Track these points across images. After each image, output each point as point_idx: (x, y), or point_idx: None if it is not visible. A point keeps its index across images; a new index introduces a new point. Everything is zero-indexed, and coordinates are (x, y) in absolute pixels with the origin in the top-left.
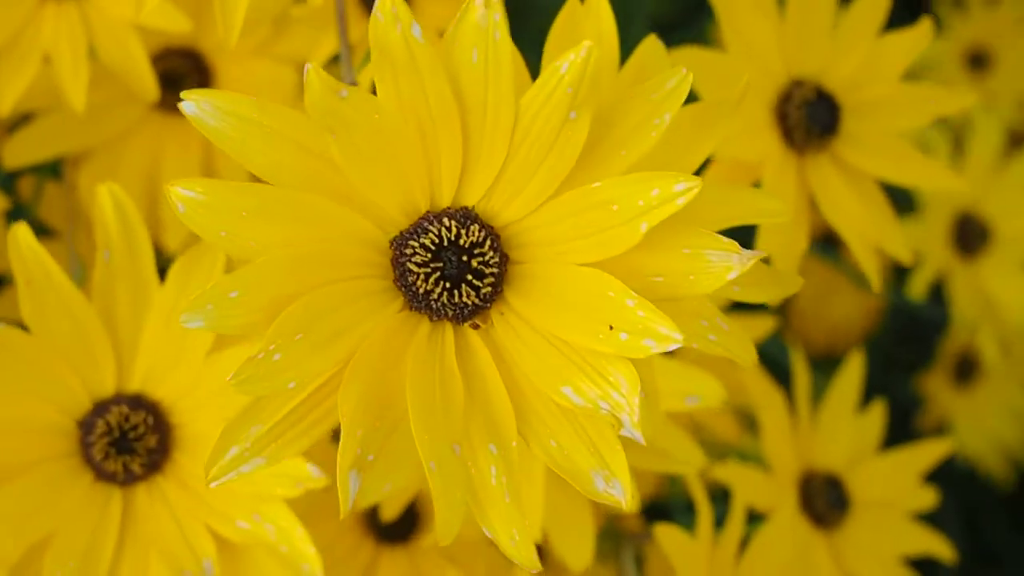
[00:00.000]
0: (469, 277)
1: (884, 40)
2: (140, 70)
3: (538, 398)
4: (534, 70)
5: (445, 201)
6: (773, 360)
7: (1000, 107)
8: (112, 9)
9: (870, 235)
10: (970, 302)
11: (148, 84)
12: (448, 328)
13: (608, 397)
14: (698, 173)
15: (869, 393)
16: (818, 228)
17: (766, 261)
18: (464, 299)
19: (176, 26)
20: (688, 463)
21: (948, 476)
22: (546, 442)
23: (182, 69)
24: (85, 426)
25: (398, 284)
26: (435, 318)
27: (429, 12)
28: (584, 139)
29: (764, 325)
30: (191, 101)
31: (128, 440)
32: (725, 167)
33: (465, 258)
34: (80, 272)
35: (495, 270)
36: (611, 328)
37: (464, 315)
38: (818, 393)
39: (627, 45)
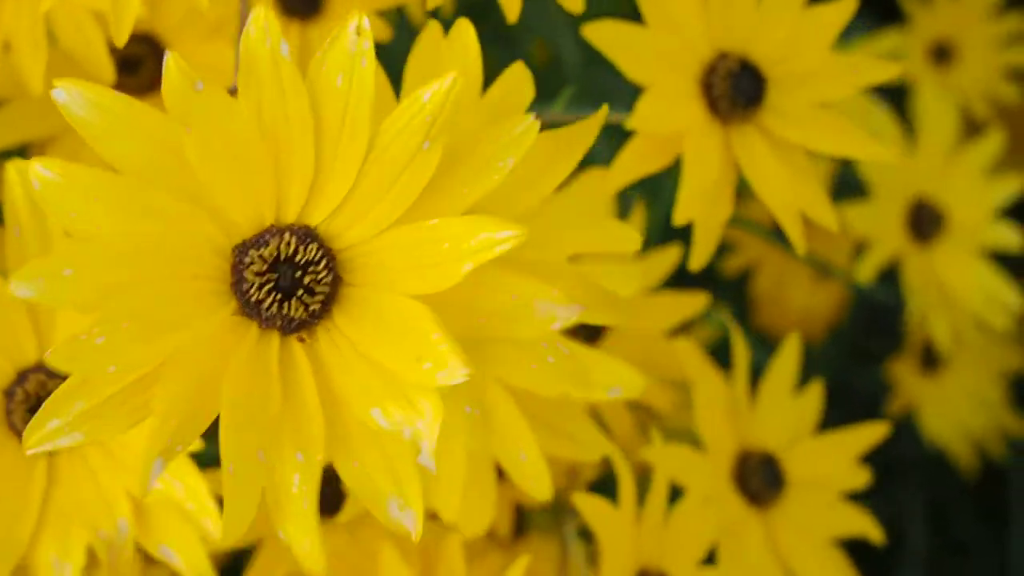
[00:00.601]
0: (301, 292)
1: (810, 12)
2: (97, 55)
3: (350, 416)
4: (496, 64)
5: (290, 217)
6: (725, 341)
7: (964, 99)
8: None
9: (796, 203)
10: (924, 288)
11: (105, 68)
12: (275, 338)
13: (412, 423)
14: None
15: (837, 382)
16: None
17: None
18: (293, 313)
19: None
20: (594, 449)
21: (915, 468)
22: (350, 461)
23: (140, 53)
24: (8, 395)
25: (234, 289)
26: (264, 326)
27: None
28: (433, 170)
29: (699, 300)
30: (62, 89)
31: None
32: (647, 140)
33: (299, 274)
34: None
35: (326, 289)
36: (418, 358)
37: (291, 327)
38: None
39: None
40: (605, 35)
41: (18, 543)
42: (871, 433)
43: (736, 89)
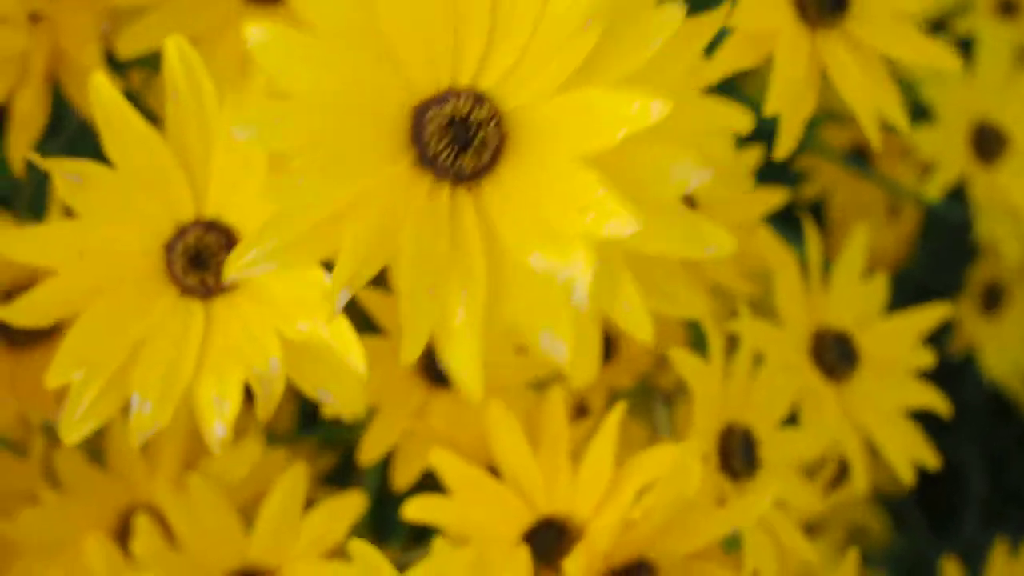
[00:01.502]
0: (473, 147)
1: None
2: None
3: (508, 260)
4: None
5: (465, 81)
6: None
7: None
8: None
9: (874, 102)
10: (991, 206)
11: None
12: (446, 187)
13: (567, 268)
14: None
15: None
16: (850, 141)
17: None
18: (465, 165)
19: None
20: (690, 307)
21: (975, 416)
22: (508, 298)
23: None
24: (169, 247)
25: (413, 142)
26: (438, 177)
27: None
28: (592, 45)
29: (778, 195)
30: None
31: (203, 257)
32: (743, 38)
33: (471, 131)
34: None
35: (494, 144)
36: (581, 210)
37: (462, 178)
38: None
39: None
40: None
41: (181, 382)
42: (934, 314)
43: None
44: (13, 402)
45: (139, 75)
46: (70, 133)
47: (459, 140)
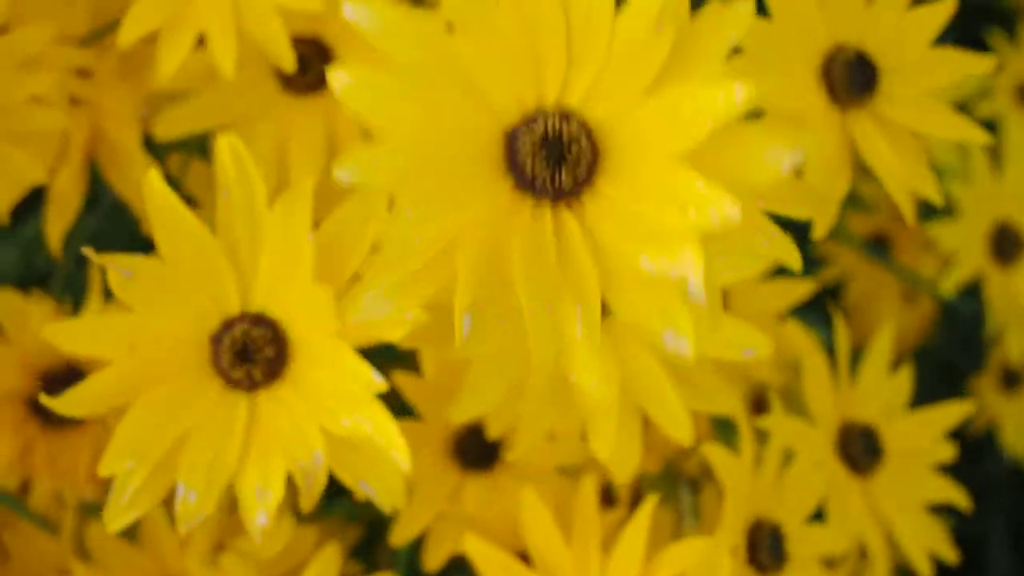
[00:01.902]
0: (567, 164)
1: (913, 12)
2: (281, 43)
3: (619, 268)
4: None
5: (550, 101)
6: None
7: None
8: None
9: (907, 180)
10: (1003, 306)
11: (288, 59)
12: (547, 206)
13: (677, 266)
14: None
15: (921, 398)
16: (869, 230)
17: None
18: (563, 181)
19: (311, 5)
20: (725, 404)
21: (998, 489)
22: (624, 304)
23: (308, 54)
24: (215, 340)
25: (509, 167)
26: (537, 197)
27: None
28: (667, 50)
29: (805, 286)
30: (350, 6)
31: (250, 351)
32: (773, 119)
33: (564, 148)
34: None
35: (588, 158)
36: (682, 207)
37: (561, 195)
38: None
39: None
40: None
41: (226, 473)
42: (957, 410)
43: (852, 77)
44: (48, 480)
45: (177, 158)
46: (106, 208)
47: (553, 158)
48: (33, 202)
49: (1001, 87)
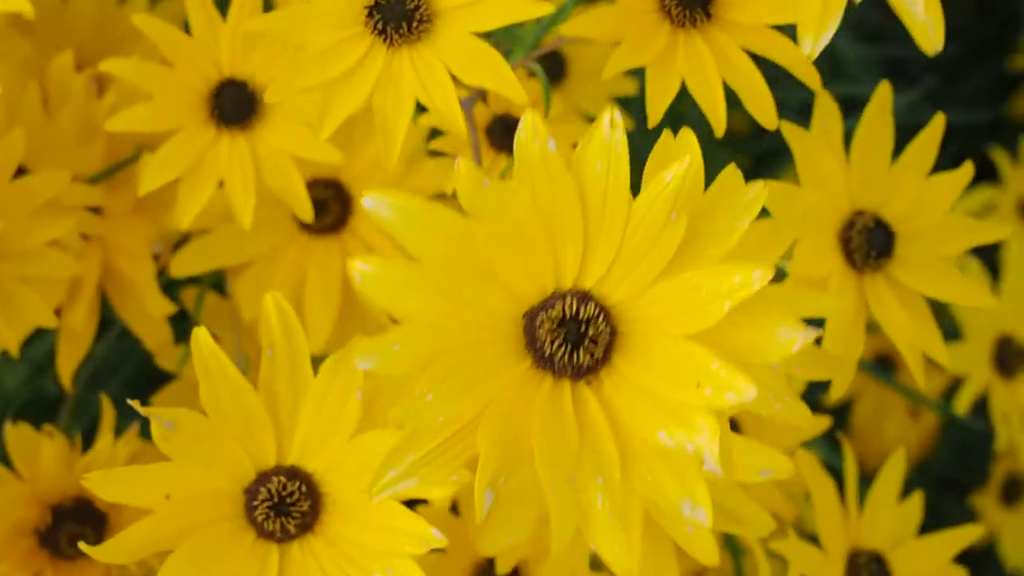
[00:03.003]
0: (585, 343)
1: (933, 179)
2: (299, 194)
3: (638, 441)
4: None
5: (568, 283)
6: (827, 464)
7: None
8: (276, 142)
9: (917, 342)
10: (1009, 418)
11: (305, 207)
12: (566, 384)
13: (694, 440)
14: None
15: (924, 513)
16: (874, 350)
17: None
18: (581, 361)
19: (329, 157)
20: (759, 527)
21: None
22: (644, 476)
23: (326, 196)
24: (250, 493)
25: (528, 347)
26: (557, 375)
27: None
28: (681, 236)
29: (821, 423)
30: (371, 198)
31: (285, 504)
32: (796, 282)
33: (582, 329)
34: (244, 366)
35: (606, 339)
36: (699, 385)
37: (580, 373)
38: None
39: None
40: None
41: None
42: (966, 534)
43: (870, 243)
44: None
45: (191, 292)
46: (116, 333)
47: (571, 339)
48: None
49: (1003, 203)
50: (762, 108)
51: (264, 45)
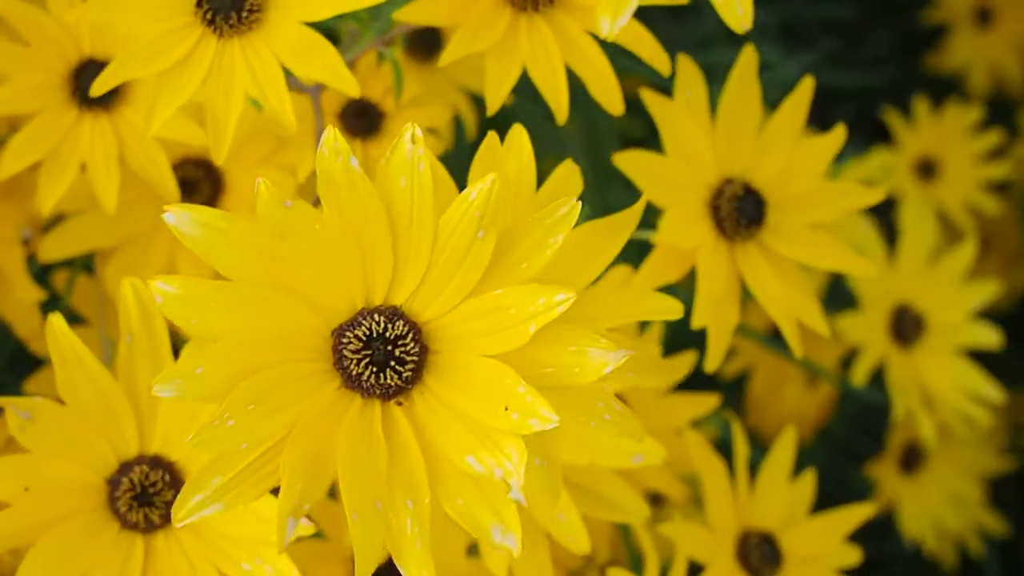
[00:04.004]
0: (393, 363)
1: (804, 144)
2: (163, 176)
3: (448, 464)
4: None
5: (378, 300)
6: (724, 440)
7: (945, 210)
8: (139, 123)
9: (792, 311)
10: (907, 388)
11: (171, 188)
12: (377, 404)
13: (502, 465)
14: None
15: (824, 480)
16: (769, 322)
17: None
18: (389, 381)
19: (192, 138)
20: (634, 513)
21: (900, 564)
22: (455, 501)
23: (197, 175)
24: (112, 483)
25: (336, 367)
26: (366, 396)
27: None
28: (490, 254)
29: (708, 402)
30: (172, 212)
31: (148, 494)
32: (665, 253)
33: (391, 348)
34: (110, 352)
35: (415, 358)
36: (506, 409)
37: (389, 394)
38: None
39: (601, 157)
40: (632, 162)
41: None
42: (858, 513)
43: (740, 211)
44: None
45: (61, 277)
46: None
47: (378, 359)
48: None
49: (900, 165)
50: (606, 92)
51: None
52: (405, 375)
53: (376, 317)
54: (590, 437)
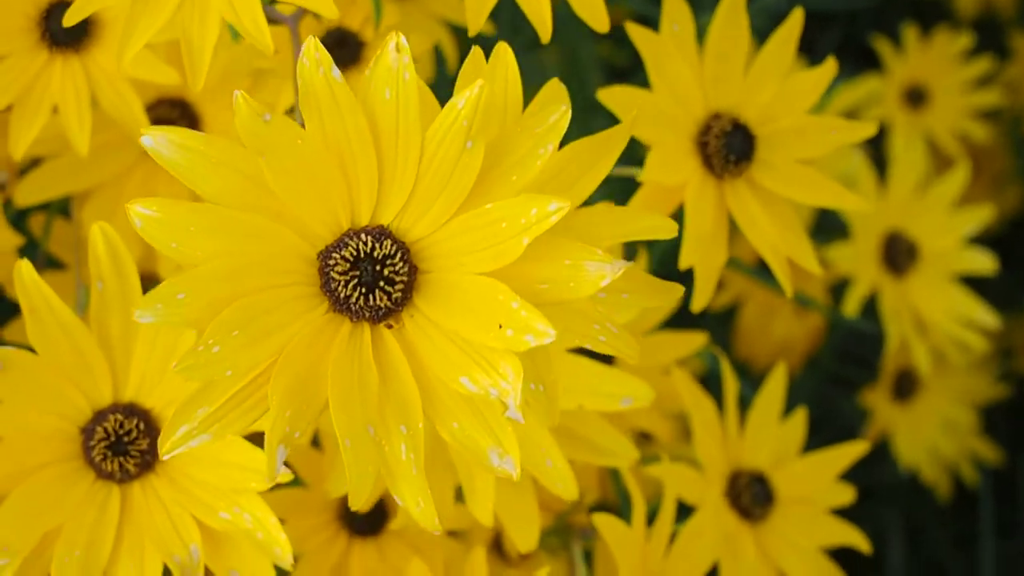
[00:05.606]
0: (382, 284)
1: (794, 77)
2: (136, 116)
3: (442, 387)
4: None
5: (364, 220)
6: (713, 374)
7: (935, 138)
8: (110, 63)
9: (782, 248)
10: (899, 316)
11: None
12: (366, 328)
13: (497, 385)
14: (605, 193)
15: (816, 409)
16: (757, 255)
17: (683, 278)
18: (378, 302)
19: (164, 78)
20: (622, 456)
21: (893, 492)
22: (450, 424)
23: (172, 116)
24: (87, 432)
25: (324, 290)
26: (355, 319)
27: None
28: (479, 165)
29: (697, 340)
30: (150, 136)
31: (123, 443)
32: (652, 191)
33: (379, 268)
34: (86, 298)
35: (404, 278)
36: (500, 326)
37: (379, 316)
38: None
39: (584, 89)
40: (617, 97)
41: (99, 566)
42: (851, 452)
43: (728, 147)
44: None
45: (38, 221)
46: None
47: (366, 280)
48: None
49: (888, 93)
50: (591, 7)
51: None
52: (395, 296)
53: (363, 237)
54: (580, 379)
